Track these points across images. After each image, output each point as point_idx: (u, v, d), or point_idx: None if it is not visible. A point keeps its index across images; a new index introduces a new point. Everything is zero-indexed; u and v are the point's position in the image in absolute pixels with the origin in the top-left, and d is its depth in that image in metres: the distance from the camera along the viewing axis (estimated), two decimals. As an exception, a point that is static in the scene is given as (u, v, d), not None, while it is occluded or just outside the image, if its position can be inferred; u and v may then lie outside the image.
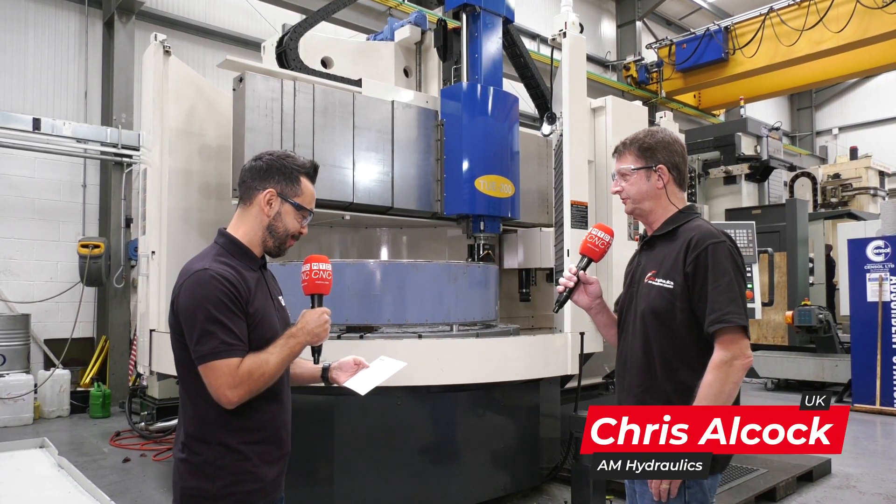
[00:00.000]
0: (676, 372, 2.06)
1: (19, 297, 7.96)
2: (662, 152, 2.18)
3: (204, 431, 1.88)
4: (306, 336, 1.93)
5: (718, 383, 1.95)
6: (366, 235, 6.05)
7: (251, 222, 2.00)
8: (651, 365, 2.10)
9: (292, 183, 1.99)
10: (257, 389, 1.84)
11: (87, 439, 6.65)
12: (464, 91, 5.15)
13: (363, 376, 2.20)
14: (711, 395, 1.94)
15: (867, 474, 5.46)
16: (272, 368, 1.85)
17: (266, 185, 1.98)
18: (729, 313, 1.97)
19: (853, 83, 20.88)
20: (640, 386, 2.13)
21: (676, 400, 2.04)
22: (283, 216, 1.99)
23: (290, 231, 2.01)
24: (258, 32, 9.72)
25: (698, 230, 2.10)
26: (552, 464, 4.84)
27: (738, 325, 1.97)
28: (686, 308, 2.05)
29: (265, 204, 1.97)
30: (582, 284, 2.27)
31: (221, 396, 1.80)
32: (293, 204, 1.99)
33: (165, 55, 4.92)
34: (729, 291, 1.99)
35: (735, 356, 1.96)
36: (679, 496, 2.01)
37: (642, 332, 2.13)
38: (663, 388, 2.08)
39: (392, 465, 4.11)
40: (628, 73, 14.57)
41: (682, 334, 2.06)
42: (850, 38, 11.48)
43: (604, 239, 2.26)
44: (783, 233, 10.74)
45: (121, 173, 8.37)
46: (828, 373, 9.39)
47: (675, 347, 2.07)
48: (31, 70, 8.20)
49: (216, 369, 1.79)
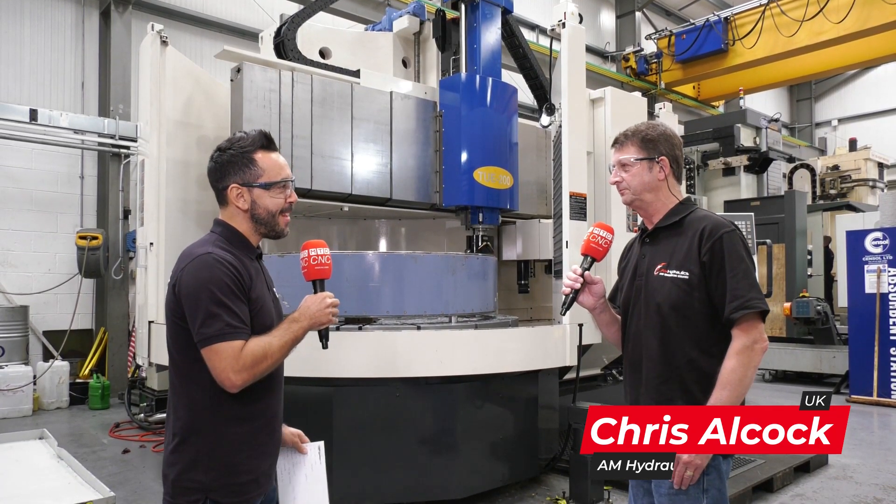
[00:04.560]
0: (696, 361, 2.08)
1: (18, 288, 7.95)
2: (664, 144, 2.19)
3: (197, 421, 1.86)
4: (308, 320, 1.92)
5: (742, 368, 1.97)
6: (364, 227, 6.05)
7: (236, 218, 1.99)
8: (669, 356, 2.11)
9: (248, 167, 1.94)
10: (261, 373, 1.83)
11: (86, 430, 6.67)
12: (462, 82, 5.13)
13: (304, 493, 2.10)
14: (736, 380, 1.97)
15: (864, 465, 5.48)
16: (275, 352, 1.84)
17: (227, 182, 1.96)
18: (752, 299, 2.00)
19: (853, 74, 20.83)
20: (658, 378, 2.12)
21: (696, 389, 2.05)
22: (258, 201, 1.96)
23: (272, 210, 1.98)
24: (256, 23, 9.67)
25: (708, 220, 2.11)
26: (550, 455, 4.85)
27: (760, 311, 2.00)
28: (703, 297, 2.07)
29: (236, 199, 1.96)
30: (587, 285, 2.26)
31: (225, 380, 1.78)
32: (260, 186, 1.95)
33: (162, 45, 4.89)
34: (747, 277, 2.02)
35: (756, 340, 1.99)
36: (698, 483, 2.02)
37: (659, 324, 2.12)
38: (682, 378, 2.08)
39: (391, 456, 4.12)
40: (627, 64, 14.53)
41: (699, 324, 2.08)
42: (850, 28, 11.44)
43: (606, 238, 2.25)
44: (782, 224, 10.73)
45: (118, 164, 8.34)
46: (825, 364, 9.42)
47: (693, 337, 2.08)
48: (28, 61, 8.15)
49: (220, 352, 1.77)
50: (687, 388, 2.07)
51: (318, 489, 2.11)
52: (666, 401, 2.10)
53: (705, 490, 2.03)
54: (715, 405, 1.96)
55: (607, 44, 15.40)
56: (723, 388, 1.97)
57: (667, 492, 2.06)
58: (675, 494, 2.04)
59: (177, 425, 1.89)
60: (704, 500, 2.03)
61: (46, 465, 4.01)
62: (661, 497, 2.09)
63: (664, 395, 2.10)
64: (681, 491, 2.02)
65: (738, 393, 1.98)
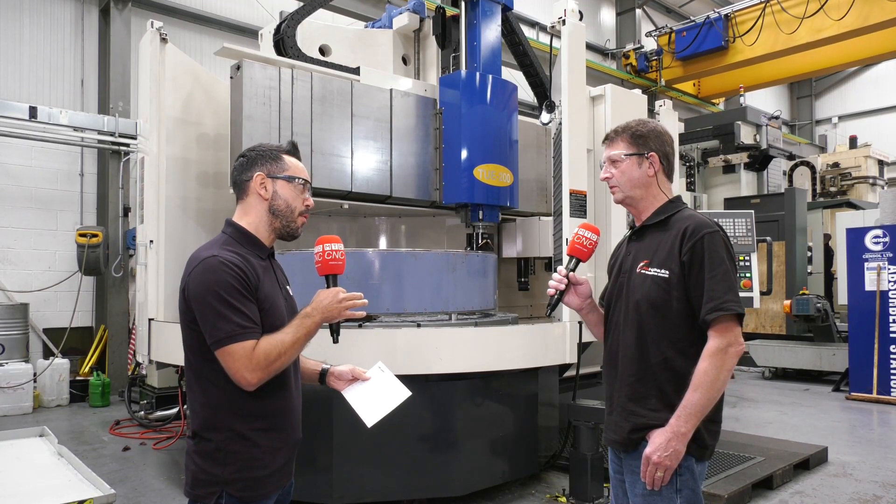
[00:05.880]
0: (671, 361, 2.07)
1: (18, 286, 7.95)
2: (654, 141, 2.19)
3: (214, 418, 1.91)
4: (321, 314, 1.94)
5: (714, 370, 1.96)
6: (364, 224, 6.04)
7: (253, 211, 2.04)
8: (644, 354, 2.10)
9: (276, 161, 2.05)
10: (276, 370, 1.87)
11: (86, 428, 6.67)
12: (462, 79, 5.12)
13: (365, 397, 2.19)
14: (707, 383, 1.96)
15: (863, 462, 5.49)
16: (288, 348, 1.88)
17: (253, 173, 2.03)
18: (727, 301, 1.98)
19: (853, 72, 20.82)
20: (633, 375, 2.13)
21: (670, 389, 2.05)
22: (280, 192, 2.03)
23: (291, 205, 2.04)
24: (256, 20, 9.66)
25: (692, 220, 2.10)
26: (550, 452, 4.86)
27: (736, 314, 1.99)
28: (681, 297, 2.06)
29: (259, 188, 2.02)
30: (572, 286, 2.26)
31: (241, 379, 1.83)
32: (284, 178, 2.03)
33: (162, 43, 4.88)
34: (726, 280, 2.01)
35: (730, 343, 1.98)
36: (671, 483, 2.03)
37: (636, 321, 2.13)
38: (657, 377, 2.08)
39: (391, 454, 4.12)
40: (628, 62, 14.50)
41: (676, 323, 2.07)
42: (850, 25, 11.42)
43: (591, 239, 2.25)
44: (782, 222, 10.73)
45: (118, 162, 8.34)
46: (825, 362, 9.42)
47: (669, 336, 2.08)
48: (27, 58, 8.14)
49: (233, 353, 1.81)
50: (661, 387, 2.07)
51: (376, 396, 2.19)
52: (640, 398, 2.10)
53: (678, 490, 2.04)
54: (686, 407, 1.97)
55: (607, 41, 15.38)
56: (695, 389, 1.97)
57: (641, 492, 2.07)
58: (649, 495, 2.05)
59: (195, 422, 1.95)
60: (678, 500, 2.04)
61: (47, 463, 4.02)
62: (636, 497, 2.10)
63: (638, 393, 2.11)
64: (654, 492, 2.04)
65: (710, 395, 1.97)
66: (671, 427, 1.98)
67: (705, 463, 2.12)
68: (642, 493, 2.07)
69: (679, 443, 1.97)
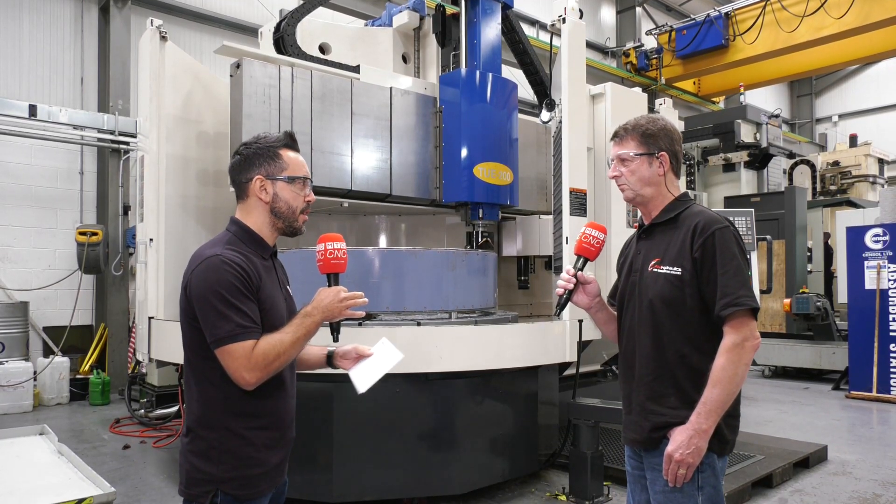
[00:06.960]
0: (687, 357, 2.07)
1: (17, 284, 7.95)
2: (664, 140, 2.18)
3: (209, 416, 1.92)
4: (321, 314, 1.94)
5: (732, 366, 1.96)
6: (364, 223, 6.04)
7: (255, 212, 2.03)
8: (661, 353, 2.10)
9: (274, 160, 2.01)
10: (275, 369, 1.87)
11: (86, 426, 6.67)
12: (462, 78, 5.12)
13: (364, 368, 2.20)
14: (726, 378, 1.96)
15: (863, 461, 5.49)
16: (288, 347, 1.88)
17: (251, 174, 2.00)
18: (741, 296, 1.98)
19: (853, 70, 20.80)
20: (650, 374, 2.12)
21: (688, 385, 2.05)
22: (280, 194, 2.01)
23: (293, 206, 2.03)
24: (255, 18, 9.66)
25: (702, 216, 2.10)
26: (550, 450, 4.86)
27: (750, 308, 1.99)
28: (695, 293, 2.06)
29: (259, 191, 2.00)
30: (580, 285, 2.25)
31: (240, 379, 1.83)
32: (283, 179, 2.01)
33: (162, 41, 4.88)
34: (739, 275, 2.01)
35: (746, 338, 1.98)
36: (692, 480, 2.02)
37: (651, 320, 2.12)
38: (674, 374, 2.08)
39: (391, 452, 4.12)
40: (628, 60, 14.50)
41: (691, 320, 2.07)
42: (851, 24, 11.41)
43: (599, 238, 2.24)
44: (782, 220, 10.72)
45: (118, 160, 8.33)
46: (825, 360, 9.43)
47: (685, 333, 2.08)
48: (27, 56, 8.14)
49: (233, 352, 1.82)
50: (679, 384, 2.07)
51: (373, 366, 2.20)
52: (659, 397, 2.10)
53: (700, 487, 2.03)
54: (706, 403, 1.97)
55: (607, 39, 15.37)
56: (714, 385, 1.97)
57: (661, 489, 2.07)
58: (670, 492, 2.05)
59: (190, 419, 1.95)
60: (699, 497, 2.03)
61: (47, 461, 4.02)
62: (657, 494, 2.09)
63: (656, 392, 2.10)
64: (676, 488, 2.03)
65: (729, 390, 1.97)
66: (692, 424, 1.98)
67: (726, 458, 2.12)
68: (663, 489, 2.06)
69: (701, 439, 1.97)
